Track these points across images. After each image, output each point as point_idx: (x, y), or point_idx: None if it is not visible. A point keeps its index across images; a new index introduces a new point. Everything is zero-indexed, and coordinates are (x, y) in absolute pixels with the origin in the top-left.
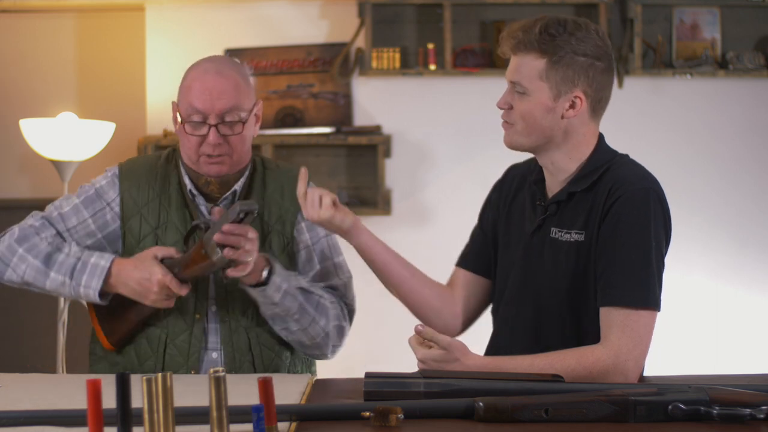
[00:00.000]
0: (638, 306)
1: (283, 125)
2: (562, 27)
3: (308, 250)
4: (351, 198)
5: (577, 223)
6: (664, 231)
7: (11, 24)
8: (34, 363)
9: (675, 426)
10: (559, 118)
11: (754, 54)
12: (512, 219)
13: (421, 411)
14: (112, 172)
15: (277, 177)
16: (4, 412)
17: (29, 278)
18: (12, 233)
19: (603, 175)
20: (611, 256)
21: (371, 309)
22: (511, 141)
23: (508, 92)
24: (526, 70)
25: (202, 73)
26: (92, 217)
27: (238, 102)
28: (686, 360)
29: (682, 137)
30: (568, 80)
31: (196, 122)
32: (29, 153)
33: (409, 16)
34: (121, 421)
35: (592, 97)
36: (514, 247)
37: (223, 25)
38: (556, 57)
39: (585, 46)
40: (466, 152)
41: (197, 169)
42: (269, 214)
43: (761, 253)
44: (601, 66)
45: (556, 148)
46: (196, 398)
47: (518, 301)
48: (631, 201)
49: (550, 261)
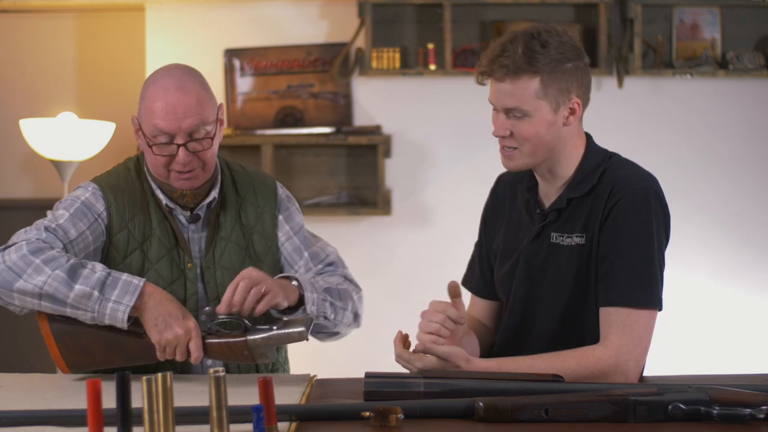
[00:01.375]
0: (638, 306)
1: (283, 125)
2: (537, 40)
3: (292, 240)
4: (351, 198)
5: (576, 227)
6: (664, 229)
7: (11, 24)
8: (34, 363)
9: (675, 426)
10: (561, 127)
11: (754, 54)
12: (510, 228)
13: (421, 411)
14: (92, 186)
15: (245, 179)
16: (4, 412)
17: (50, 289)
18: (19, 246)
19: (601, 177)
20: (613, 258)
21: (371, 309)
22: (516, 165)
23: (503, 119)
24: (522, 93)
25: (162, 92)
26: (89, 230)
27: (203, 117)
28: (686, 360)
29: (682, 137)
30: (564, 90)
31: (163, 143)
32: (29, 153)
33: (409, 16)
34: (121, 421)
35: (584, 98)
36: (512, 256)
37: (223, 25)
38: (548, 71)
39: (565, 51)
40: (466, 152)
41: (169, 183)
42: (247, 216)
43: (761, 253)
44: (583, 65)
45: (555, 158)
46: (196, 398)
47: (522, 307)
48: (632, 202)
49: (551, 266)
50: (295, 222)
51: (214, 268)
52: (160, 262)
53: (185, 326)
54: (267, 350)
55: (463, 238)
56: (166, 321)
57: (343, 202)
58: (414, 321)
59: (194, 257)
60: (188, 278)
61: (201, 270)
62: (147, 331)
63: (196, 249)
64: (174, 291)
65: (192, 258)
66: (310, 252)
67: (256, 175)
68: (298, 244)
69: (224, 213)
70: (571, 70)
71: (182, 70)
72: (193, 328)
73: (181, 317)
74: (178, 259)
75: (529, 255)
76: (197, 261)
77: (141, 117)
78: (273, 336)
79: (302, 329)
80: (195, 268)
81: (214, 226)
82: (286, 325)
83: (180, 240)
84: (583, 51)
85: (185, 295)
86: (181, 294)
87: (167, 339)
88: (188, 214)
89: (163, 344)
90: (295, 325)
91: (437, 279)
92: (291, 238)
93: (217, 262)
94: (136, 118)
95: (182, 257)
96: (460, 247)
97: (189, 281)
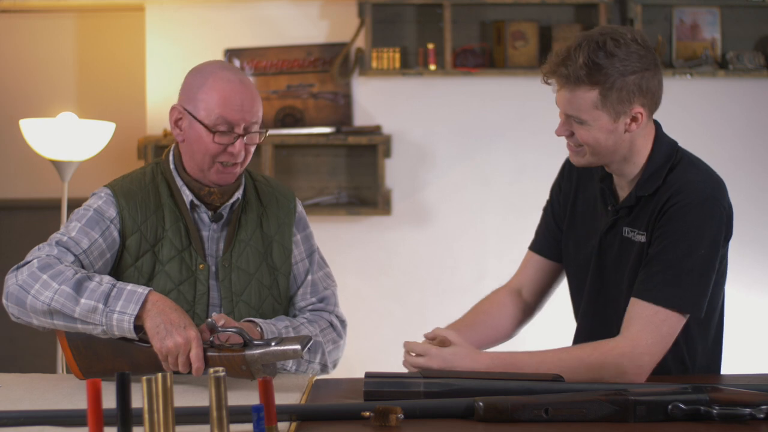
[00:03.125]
0: (668, 306)
1: (283, 125)
2: (603, 51)
3: (304, 262)
4: (351, 198)
5: (642, 224)
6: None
7: (11, 24)
8: (34, 363)
9: (675, 426)
10: (623, 133)
11: (754, 54)
12: (586, 211)
13: (421, 411)
14: (104, 192)
15: (269, 190)
16: (4, 412)
17: (57, 305)
18: (31, 264)
19: (667, 176)
20: (657, 255)
21: (371, 309)
22: (579, 162)
23: (565, 122)
24: (579, 102)
25: (226, 83)
26: (101, 236)
27: (259, 114)
28: None
29: (681, 137)
30: (624, 101)
31: (223, 131)
32: (29, 153)
33: (409, 16)
34: (121, 421)
35: (650, 104)
36: (587, 243)
37: (223, 25)
38: (608, 84)
39: (630, 63)
40: (466, 152)
41: (202, 179)
42: (269, 225)
43: (761, 254)
44: (650, 73)
45: (620, 159)
46: (196, 398)
47: (596, 298)
48: (688, 206)
49: (623, 259)
50: (310, 244)
51: (230, 268)
52: (170, 263)
53: (186, 335)
54: (264, 366)
55: (463, 238)
56: (167, 329)
57: (343, 202)
58: (414, 321)
59: (209, 256)
60: (199, 279)
61: (216, 269)
62: (149, 339)
63: (214, 248)
64: (183, 292)
65: (205, 259)
66: (313, 279)
67: (278, 189)
68: (307, 267)
69: (245, 216)
70: (635, 81)
71: (234, 67)
72: (193, 338)
73: (183, 326)
74: (189, 260)
75: (605, 246)
76: (212, 260)
77: (196, 106)
78: (269, 352)
79: (297, 347)
80: (207, 269)
81: (234, 227)
82: (284, 342)
83: (193, 241)
84: (652, 57)
85: (195, 296)
86: (191, 295)
87: (167, 347)
88: (211, 213)
89: (164, 352)
90: (291, 342)
91: (437, 279)
92: (304, 260)
93: (234, 263)
94: (181, 107)
95: (194, 258)
96: (460, 247)
97: (200, 282)
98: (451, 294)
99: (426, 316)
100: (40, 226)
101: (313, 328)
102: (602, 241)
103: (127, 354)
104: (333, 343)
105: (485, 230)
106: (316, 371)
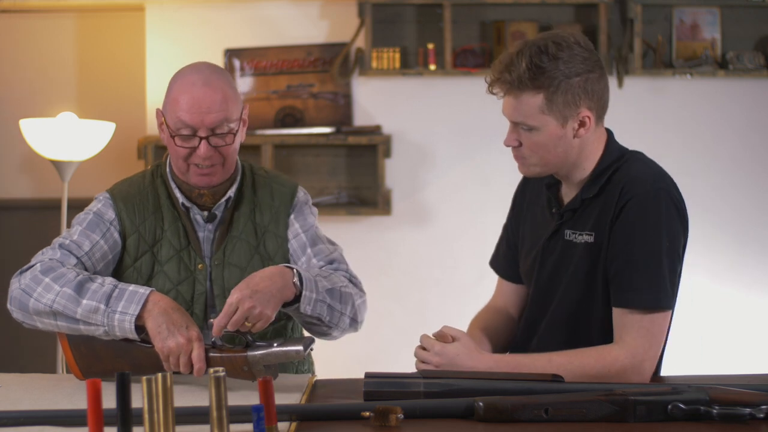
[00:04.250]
0: (653, 308)
1: (283, 125)
2: (546, 55)
3: (299, 237)
4: (351, 198)
5: (587, 225)
6: (681, 228)
7: (11, 24)
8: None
9: (675, 426)
10: (571, 139)
11: (754, 54)
12: (534, 222)
13: (421, 411)
14: (103, 196)
15: (266, 181)
16: (4, 412)
17: (59, 307)
18: (34, 268)
19: (611, 176)
20: (624, 258)
21: (371, 309)
22: (528, 172)
23: (512, 130)
24: (525, 108)
25: (189, 86)
26: (102, 238)
27: (227, 114)
28: (686, 360)
29: (681, 137)
30: (570, 104)
31: (186, 135)
32: (29, 153)
33: (409, 16)
34: (121, 421)
35: (597, 107)
36: (533, 251)
37: (223, 25)
38: (552, 88)
39: (574, 65)
40: (466, 152)
41: (187, 180)
42: (262, 216)
43: (761, 254)
44: (595, 76)
45: (569, 166)
46: (196, 398)
47: (540, 303)
48: (642, 202)
49: (566, 263)
50: (306, 222)
51: (223, 266)
52: (168, 263)
53: (187, 335)
54: (266, 366)
55: (463, 238)
56: (169, 329)
57: (343, 202)
58: (414, 321)
59: (205, 256)
60: (197, 279)
61: (211, 268)
62: (151, 339)
63: (208, 248)
64: (181, 291)
65: (203, 258)
66: (315, 249)
67: (276, 178)
68: (304, 241)
69: (238, 211)
70: (580, 83)
71: (211, 67)
72: (195, 338)
73: (185, 326)
74: (188, 260)
75: (547, 252)
76: (209, 260)
77: (166, 110)
78: (271, 353)
79: (300, 348)
80: (206, 269)
81: (227, 225)
82: (286, 343)
83: (192, 241)
84: (597, 60)
85: (193, 295)
86: (189, 294)
87: (169, 347)
88: (205, 214)
89: (166, 352)
90: (294, 343)
91: (437, 279)
92: (298, 235)
93: (227, 260)
94: (161, 111)
95: (193, 258)
96: (460, 247)
97: (198, 282)
98: (451, 294)
99: (426, 316)
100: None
101: (338, 279)
102: (545, 246)
103: (128, 354)
104: (359, 297)
105: (485, 230)
106: (346, 326)
